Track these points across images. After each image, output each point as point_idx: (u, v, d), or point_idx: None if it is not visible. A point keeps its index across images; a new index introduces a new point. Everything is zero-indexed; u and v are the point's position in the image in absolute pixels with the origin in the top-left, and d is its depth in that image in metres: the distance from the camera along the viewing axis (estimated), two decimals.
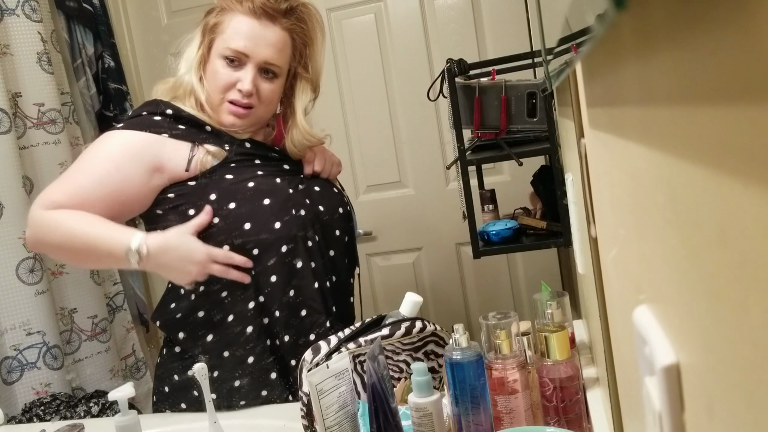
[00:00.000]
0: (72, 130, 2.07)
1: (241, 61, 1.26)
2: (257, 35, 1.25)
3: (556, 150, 1.12)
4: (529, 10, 1.83)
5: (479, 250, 1.23)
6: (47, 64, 1.95)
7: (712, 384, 0.26)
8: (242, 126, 1.29)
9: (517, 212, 1.37)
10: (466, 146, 1.22)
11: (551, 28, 0.65)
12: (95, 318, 2.03)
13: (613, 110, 0.46)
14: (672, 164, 0.29)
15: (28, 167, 1.90)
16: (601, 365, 0.82)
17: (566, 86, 0.81)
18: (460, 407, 0.89)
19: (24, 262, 1.82)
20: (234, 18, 1.26)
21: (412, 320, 1.06)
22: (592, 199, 0.69)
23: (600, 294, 0.71)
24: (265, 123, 1.36)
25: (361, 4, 2.17)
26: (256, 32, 1.25)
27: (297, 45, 1.32)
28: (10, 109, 1.84)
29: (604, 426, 0.81)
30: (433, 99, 1.31)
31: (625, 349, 0.53)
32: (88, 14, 2.18)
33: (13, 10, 1.89)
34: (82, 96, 2.19)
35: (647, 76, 0.32)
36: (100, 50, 2.23)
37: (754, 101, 0.18)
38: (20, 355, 1.82)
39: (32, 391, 1.82)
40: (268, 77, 1.28)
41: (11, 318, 1.80)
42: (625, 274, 0.49)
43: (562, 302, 0.97)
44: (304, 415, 0.96)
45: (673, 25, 0.26)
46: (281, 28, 1.27)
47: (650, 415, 0.35)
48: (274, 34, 1.27)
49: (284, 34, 1.28)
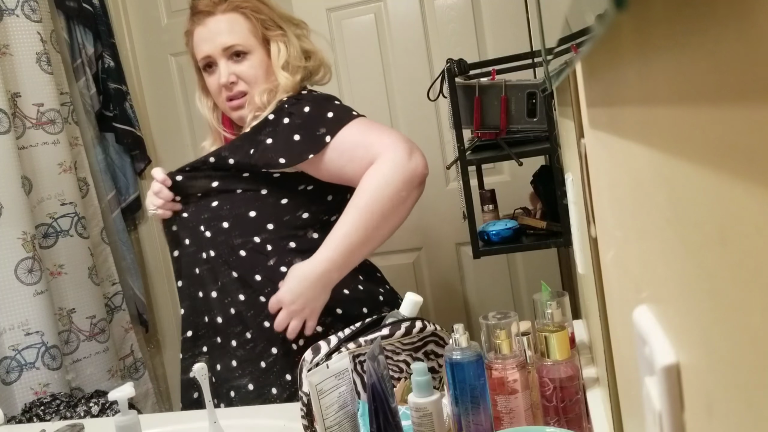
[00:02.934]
0: (71, 130, 2.07)
1: (211, 64, 1.35)
2: (207, 35, 1.34)
3: (556, 150, 1.12)
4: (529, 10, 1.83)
5: (479, 250, 1.23)
6: (47, 64, 1.95)
7: (712, 384, 0.26)
8: (246, 113, 1.33)
9: (517, 212, 1.37)
10: (466, 146, 1.22)
11: (551, 28, 0.65)
12: (94, 318, 2.03)
13: (613, 110, 0.46)
14: (672, 164, 0.29)
15: (27, 167, 1.90)
16: (601, 365, 0.82)
17: (566, 86, 0.81)
18: (460, 407, 0.89)
19: (23, 262, 1.82)
20: (192, 35, 1.37)
21: (412, 320, 1.06)
22: (592, 199, 0.69)
23: (600, 294, 0.71)
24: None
25: (361, 4, 2.17)
26: (205, 33, 1.34)
27: (249, 16, 1.34)
28: (10, 109, 1.84)
29: (604, 426, 0.81)
30: (433, 99, 1.31)
31: (625, 349, 0.53)
32: (88, 14, 2.18)
33: (12, 10, 1.89)
34: (82, 96, 2.19)
35: (647, 76, 0.32)
36: (99, 50, 2.23)
37: (753, 101, 0.18)
38: (19, 355, 1.82)
39: (31, 392, 1.82)
40: (239, 59, 1.33)
41: (10, 318, 1.80)
42: (625, 274, 0.49)
43: (562, 302, 0.97)
44: (304, 415, 0.96)
45: (673, 25, 0.26)
46: (222, 13, 1.33)
47: (650, 415, 0.35)
48: (218, 22, 1.33)
49: (229, 16, 1.33)
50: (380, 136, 1.20)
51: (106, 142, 2.29)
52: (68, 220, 1.99)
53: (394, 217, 1.20)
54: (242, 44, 1.32)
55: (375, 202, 1.17)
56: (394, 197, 1.16)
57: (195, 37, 1.36)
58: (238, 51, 1.32)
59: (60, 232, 1.98)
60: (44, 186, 1.94)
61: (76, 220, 2.01)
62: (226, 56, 1.32)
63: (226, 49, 1.32)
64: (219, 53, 1.32)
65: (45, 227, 1.95)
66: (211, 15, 1.33)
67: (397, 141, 1.18)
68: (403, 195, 1.17)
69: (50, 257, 1.95)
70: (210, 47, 1.33)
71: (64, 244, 1.98)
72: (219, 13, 1.33)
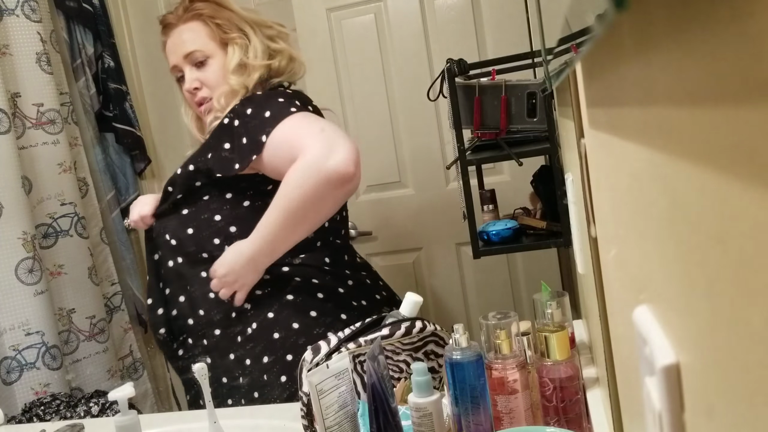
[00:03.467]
0: (71, 131, 2.07)
1: (179, 74, 1.40)
2: (171, 47, 1.40)
3: (556, 150, 1.12)
4: (529, 10, 1.83)
5: (479, 250, 1.23)
6: (46, 65, 1.95)
7: (712, 384, 0.26)
8: (214, 115, 1.37)
9: (517, 212, 1.37)
10: (466, 146, 1.22)
11: (551, 28, 0.65)
12: (93, 318, 2.03)
13: (612, 110, 0.46)
14: (672, 164, 0.29)
15: (27, 167, 1.89)
16: (601, 365, 0.82)
17: (566, 86, 0.81)
18: (460, 407, 0.89)
19: (23, 262, 1.82)
20: (165, 50, 1.42)
21: (412, 320, 1.06)
22: (592, 199, 0.69)
23: (600, 294, 0.71)
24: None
25: (361, 4, 2.17)
26: (170, 45, 1.42)
27: (207, 21, 1.37)
28: (9, 109, 1.84)
29: (604, 426, 0.81)
30: (433, 99, 1.31)
31: (625, 349, 0.53)
32: (88, 14, 2.18)
33: (12, 10, 1.89)
34: (82, 96, 2.19)
35: (647, 76, 0.32)
36: (99, 50, 2.23)
37: (753, 101, 0.18)
38: (19, 355, 1.82)
39: (31, 392, 1.82)
40: (202, 65, 1.38)
41: (10, 318, 1.80)
42: (625, 274, 0.49)
43: (562, 302, 0.97)
44: (304, 415, 0.96)
45: (673, 25, 0.26)
46: (184, 23, 1.38)
47: (650, 415, 0.35)
48: (180, 33, 1.39)
49: (189, 25, 1.38)
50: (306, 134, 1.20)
51: (106, 142, 2.28)
52: (68, 220, 1.99)
53: (314, 213, 1.22)
54: (201, 50, 1.36)
55: (290, 201, 1.19)
56: (308, 196, 1.17)
57: (166, 50, 1.42)
58: (198, 57, 1.36)
59: (60, 232, 1.98)
60: (44, 186, 1.94)
61: (75, 220, 2.01)
62: (189, 63, 1.38)
63: (186, 57, 1.37)
64: (182, 62, 1.38)
65: (45, 227, 1.95)
66: (175, 27, 1.39)
67: (319, 140, 1.17)
68: (319, 194, 1.17)
69: (50, 257, 1.95)
70: (174, 58, 1.39)
71: (63, 244, 1.98)
72: (181, 24, 1.38)
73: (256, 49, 1.36)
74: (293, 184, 1.18)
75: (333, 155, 1.14)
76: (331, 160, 1.14)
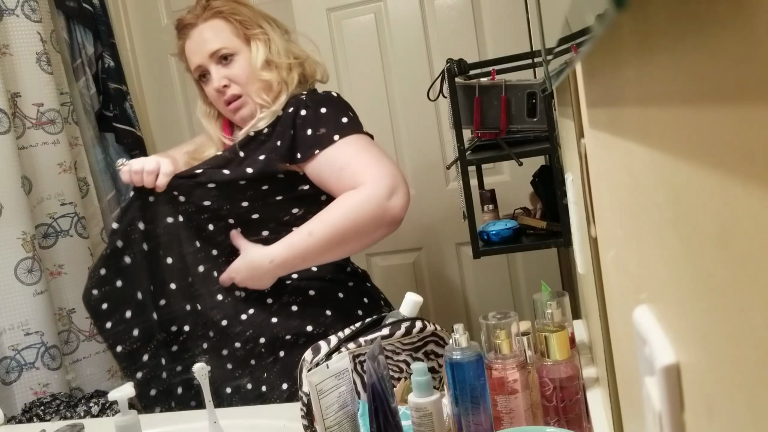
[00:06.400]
0: (71, 131, 2.06)
1: (204, 73, 1.38)
2: (194, 47, 1.38)
3: (556, 150, 1.12)
4: (529, 10, 1.83)
5: (479, 250, 1.23)
6: (47, 64, 1.95)
7: (712, 384, 0.26)
8: (247, 113, 1.36)
9: (517, 212, 1.37)
10: (466, 146, 1.22)
11: (551, 28, 0.65)
12: None
13: (612, 110, 0.46)
14: (672, 164, 0.29)
15: (27, 167, 1.89)
16: (601, 365, 0.82)
17: (566, 86, 0.81)
18: (460, 407, 0.89)
19: (23, 262, 1.82)
20: (184, 52, 1.41)
21: (412, 320, 1.05)
22: (592, 199, 0.69)
23: (600, 294, 0.71)
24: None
25: (361, 4, 2.17)
26: (192, 46, 1.38)
27: (229, 18, 1.37)
28: (9, 109, 1.84)
29: (604, 426, 0.81)
30: (433, 99, 1.31)
31: (625, 349, 0.53)
32: (88, 14, 2.18)
33: (12, 10, 1.89)
34: (82, 96, 2.19)
35: (647, 76, 0.32)
36: (99, 50, 2.23)
37: (753, 101, 0.18)
38: (18, 355, 1.82)
39: (30, 392, 1.82)
40: (228, 62, 1.36)
41: (10, 318, 1.80)
42: (625, 274, 0.49)
43: (562, 302, 0.97)
44: (304, 415, 0.96)
45: (673, 25, 0.26)
46: (204, 22, 1.37)
47: (650, 415, 0.35)
48: (201, 32, 1.37)
49: (210, 23, 1.36)
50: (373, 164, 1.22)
51: (106, 142, 2.28)
52: (68, 220, 1.99)
53: (354, 243, 1.24)
54: (227, 47, 1.35)
55: (340, 225, 1.20)
56: (359, 228, 1.19)
57: (186, 52, 1.40)
58: (224, 54, 1.35)
59: (60, 232, 1.98)
60: (44, 186, 1.94)
61: (75, 220, 2.01)
62: (215, 62, 1.36)
63: (212, 55, 1.35)
64: (208, 60, 1.36)
65: (45, 227, 1.95)
66: (195, 27, 1.37)
67: (384, 176, 1.20)
68: (369, 229, 1.20)
69: (50, 257, 1.95)
70: (199, 57, 1.37)
71: (63, 244, 1.98)
72: (201, 23, 1.36)
73: (277, 46, 1.37)
74: (349, 210, 1.19)
75: (395, 197, 1.19)
76: (393, 201, 1.18)
